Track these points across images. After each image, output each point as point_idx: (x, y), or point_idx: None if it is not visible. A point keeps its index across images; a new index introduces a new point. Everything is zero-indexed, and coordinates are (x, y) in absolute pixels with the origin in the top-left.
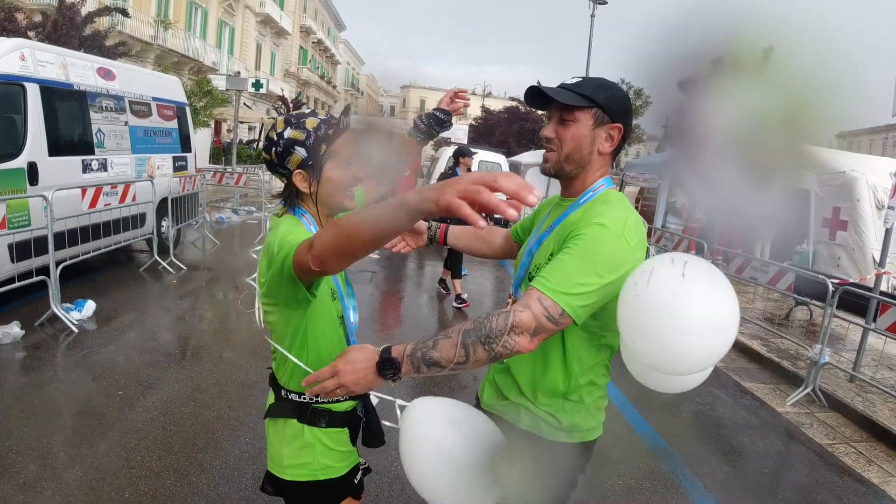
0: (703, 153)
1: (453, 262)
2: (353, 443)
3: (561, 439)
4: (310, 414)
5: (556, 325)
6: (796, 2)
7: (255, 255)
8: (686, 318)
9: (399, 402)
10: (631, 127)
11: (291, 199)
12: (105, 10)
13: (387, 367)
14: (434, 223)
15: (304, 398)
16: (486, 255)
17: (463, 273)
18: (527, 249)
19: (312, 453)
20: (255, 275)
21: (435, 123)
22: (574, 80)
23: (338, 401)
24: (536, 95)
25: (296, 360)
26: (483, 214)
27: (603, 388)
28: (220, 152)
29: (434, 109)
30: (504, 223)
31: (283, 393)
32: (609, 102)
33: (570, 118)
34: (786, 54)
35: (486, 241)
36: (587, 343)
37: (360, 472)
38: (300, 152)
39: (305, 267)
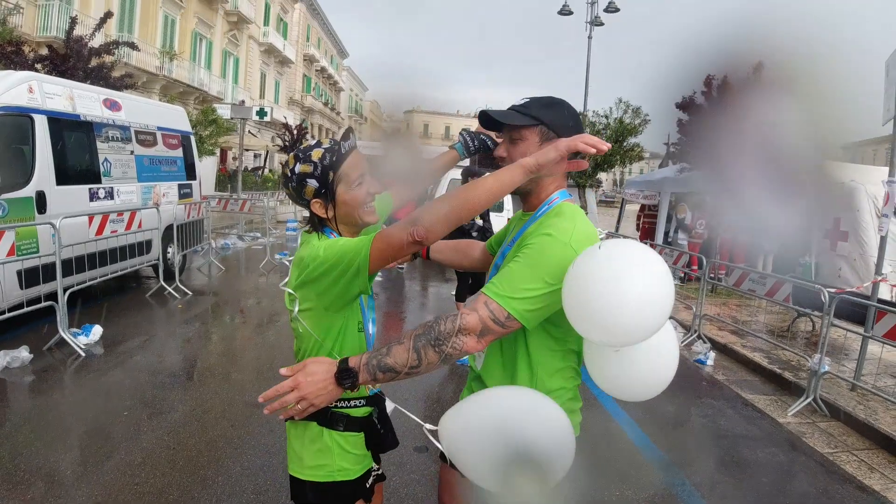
0: (728, 166)
1: (460, 283)
2: (368, 447)
3: None
4: (329, 417)
5: (502, 327)
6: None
7: (287, 263)
8: (603, 279)
9: (427, 426)
10: None
11: (316, 224)
12: (114, 44)
13: (345, 376)
14: None
15: None
16: (467, 267)
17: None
18: (494, 263)
19: (330, 455)
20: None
21: (483, 148)
22: (522, 101)
23: (355, 406)
24: (489, 119)
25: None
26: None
27: (573, 390)
28: (225, 179)
29: (484, 135)
30: (481, 237)
31: None
32: (554, 119)
33: (519, 137)
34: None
35: (465, 255)
36: (551, 349)
37: (371, 478)
38: (312, 183)
39: (399, 245)
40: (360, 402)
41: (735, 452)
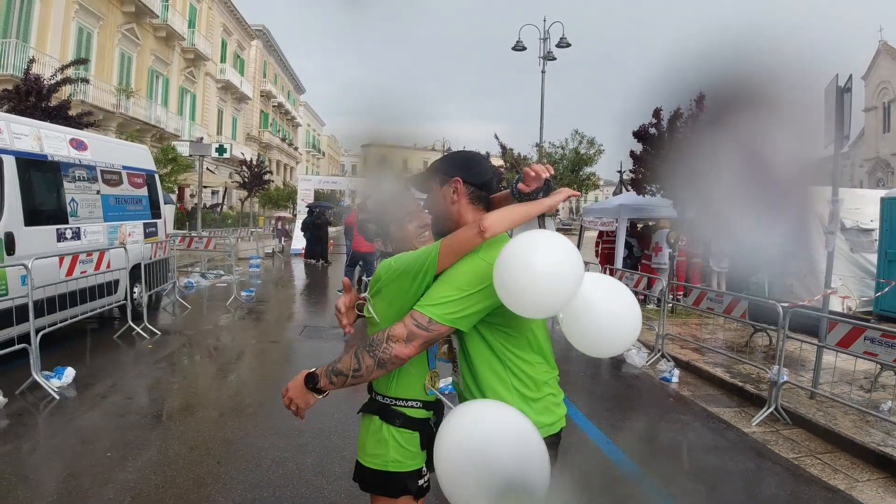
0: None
1: None
2: (423, 448)
3: None
4: (388, 413)
5: (426, 331)
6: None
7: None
8: (518, 258)
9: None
10: (471, 174)
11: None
12: (66, 81)
13: (308, 380)
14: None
15: (387, 400)
16: None
17: None
18: None
19: (386, 447)
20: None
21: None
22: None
23: (412, 406)
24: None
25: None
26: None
27: (551, 385)
28: (183, 217)
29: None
30: None
31: (372, 394)
32: (441, 165)
33: (427, 189)
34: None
35: None
36: (504, 339)
37: (424, 478)
38: (372, 227)
39: (468, 236)
40: (416, 404)
41: (706, 462)
